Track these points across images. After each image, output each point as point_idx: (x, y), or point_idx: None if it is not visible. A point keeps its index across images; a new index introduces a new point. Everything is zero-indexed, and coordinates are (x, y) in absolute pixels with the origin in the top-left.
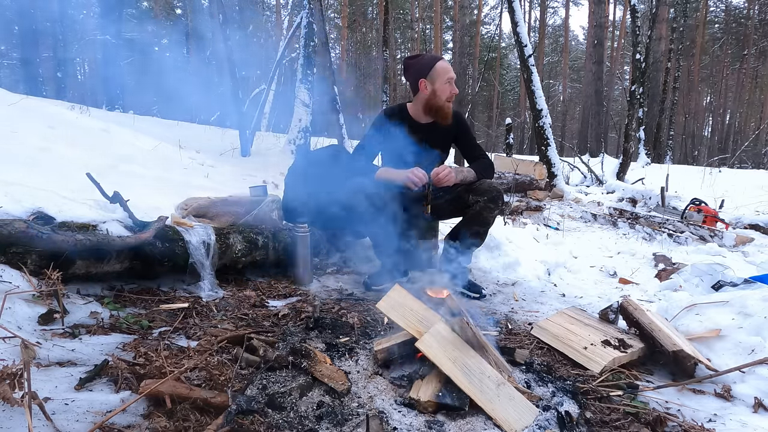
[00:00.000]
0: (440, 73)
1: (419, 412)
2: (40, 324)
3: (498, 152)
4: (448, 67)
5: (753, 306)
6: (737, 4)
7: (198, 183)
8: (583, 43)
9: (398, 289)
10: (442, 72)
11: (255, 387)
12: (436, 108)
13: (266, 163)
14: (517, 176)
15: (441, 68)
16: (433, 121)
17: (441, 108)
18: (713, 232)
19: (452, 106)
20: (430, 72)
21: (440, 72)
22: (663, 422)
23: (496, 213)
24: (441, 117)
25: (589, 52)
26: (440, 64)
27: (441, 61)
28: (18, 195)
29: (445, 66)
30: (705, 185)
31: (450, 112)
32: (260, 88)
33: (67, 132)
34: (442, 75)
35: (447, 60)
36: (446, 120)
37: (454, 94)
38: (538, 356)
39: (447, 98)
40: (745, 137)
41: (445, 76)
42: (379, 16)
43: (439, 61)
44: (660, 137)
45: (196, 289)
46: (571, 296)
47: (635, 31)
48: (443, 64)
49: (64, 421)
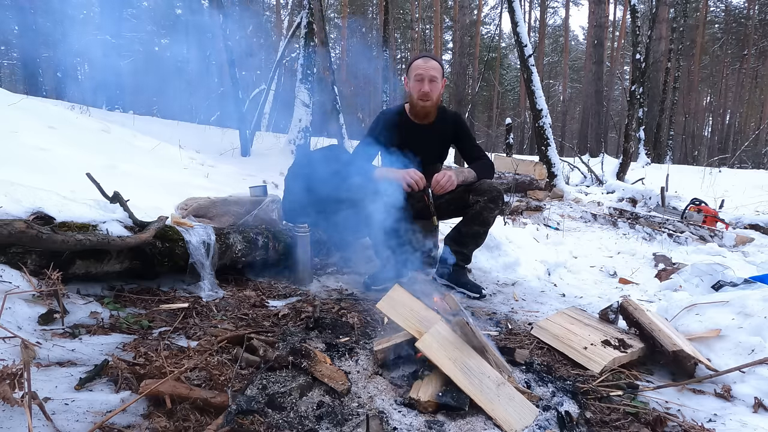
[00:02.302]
0: (412, 71)
1: (419, 412)
2: (40, 324)
3: (498, 152)
4: (420, 63)
5: (753, 306)
6: (737, 4)
7: (198, 183)
8: (583, 43)
9: (398, 289)
10: (413, 68)
11: (255, 387)
12: (413, 107)
13: (266, 163)
14: (517, 176)
15: (414, 66)
16: (431, 122)
17: (414, 107)
18: (713, 232)
19: (451, 107)
20: (409, 69)
21: (412, 69)
22: (663, 422)
23: (496, 213)
24: (419, 117)
25: (589, 52)
26: (416, 62)
27: (419, 60)
28: (18, 195)
29: (417, 63)
30: (705, 185)
31: (428, 112)
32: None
33: (67, 132)
34: (412, 72)
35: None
36: (426, 119)
37: (423, 92)
38: (538, 356)
39: (417, 96)
40: (745, 137)
41: (413, 73)
42: (379, 16)
43: (417, 60)
44: (660, 137)
45: (196, 289)
46: (571, 296)
47: (635, 31)
48: (418, 62)
49: (64, 421)
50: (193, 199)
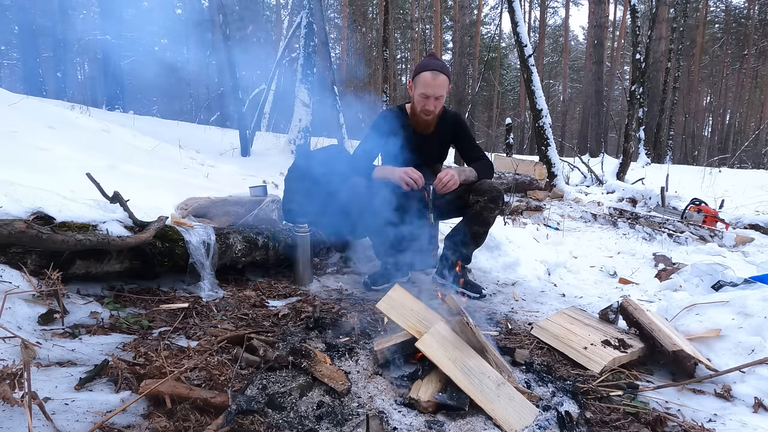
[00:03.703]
0: (419, 83)
1: (419, 412)
2: (40, 324)
3: (498, 152)
4: (429, 81)
5: (753, 306)
6: (737, 4)
7: (198, 183)
8: (583, 43)
9: (398, 289)
10: (421, 84)
11: (255, 387)
12: (415, 115)
13: (266, 163)
14: (517, 176)
15: (422, 79)
16: (432, 128)
17: (416, 116)
18: (713, 232)
19: (451, 108)
20: (416, 77)
21: (420, 83)
22: (663, 422)
23: (496, 213)
24: (420, 126)
25: (589, 52)
26: (424, 74)
27: (428, 73)
28: (18, 195)
29: (426, 79)
30: (705, 185)
31: (428, 123)
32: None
33: (67, 132)
34: (419, 86)
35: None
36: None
37: (427, 109)
38: (538, 356)
39: (421, 110)
40: (745, 137)
41: (421, 89)
42: (379, 16)
43: (426, 72)
44: (660, 137)
45: (196, 289)
46: (571, 296)
47: (635, 31)
48: (427, 76)
49: (64, 421)
50: (193, 199)
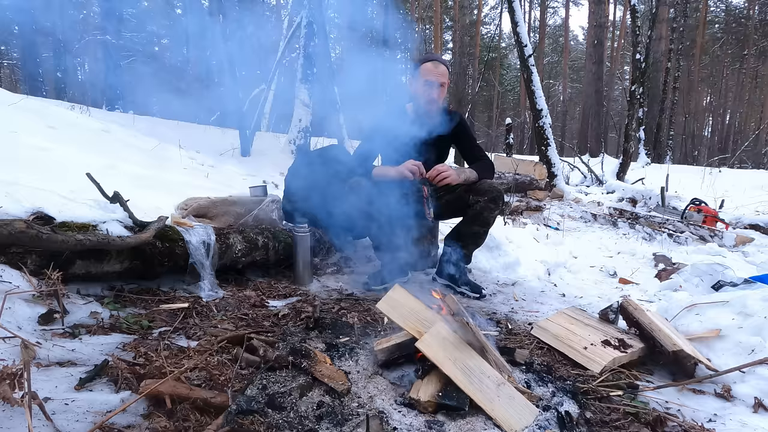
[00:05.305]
0: (422, 73)
1: (419, 412)
2: (40, 324)
3: (498, 152)
4: (431, 69)
5: (753, 306)
6: (737, 4)
7: (198, 183)
8: (583, 43)
9: (398, 289)
10: (424, 72)
11: (255, 387)
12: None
13: (266, 163)
14: (517, 176)
15: (424, 69)
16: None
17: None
18: (713, 232)
19: (451, 107)
20: (417, 70)
21: (422, 72)
22: (663, 422)
23: (496, 213)
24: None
25: (589, 52)
26: (426, 64)
27: (429, 63)
28: (18, 195)
29: (427, 67)
30: (705, 185)
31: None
32: (260, 88)
33: (67, 132)
34: (422, 75)
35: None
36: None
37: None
38: (538, 356)
39: (425, 101)
40: (745, 137)
41: (424, 77)
42: None
43: (427, 62)
44: (660, 137)
45: (196, 289)
46: (571, 296)
47: (635, 31)
48: (428, 65)
49: (64, 421)
50: (193, 199)
